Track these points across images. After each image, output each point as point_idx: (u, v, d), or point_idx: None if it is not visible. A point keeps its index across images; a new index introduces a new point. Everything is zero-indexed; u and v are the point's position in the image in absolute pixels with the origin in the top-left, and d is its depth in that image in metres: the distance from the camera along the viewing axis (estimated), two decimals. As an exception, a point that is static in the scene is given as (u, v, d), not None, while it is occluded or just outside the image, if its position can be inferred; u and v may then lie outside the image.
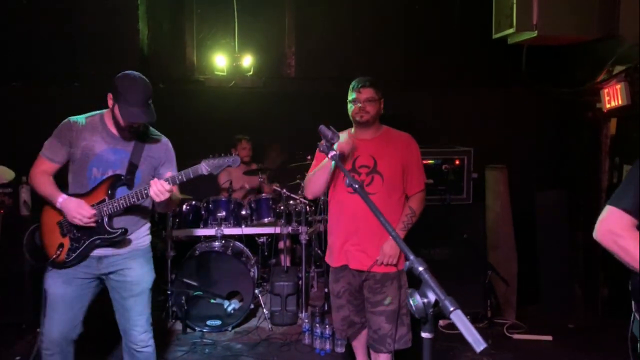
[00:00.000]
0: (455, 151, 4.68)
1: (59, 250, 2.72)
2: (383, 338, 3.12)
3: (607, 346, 4.23)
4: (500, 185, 4.90)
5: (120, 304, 2.90)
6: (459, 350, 4.09)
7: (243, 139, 5.56)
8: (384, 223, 1.64)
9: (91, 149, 2.71)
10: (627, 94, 4.40)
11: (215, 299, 4.36)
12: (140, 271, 2.89)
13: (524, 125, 5.68)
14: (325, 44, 5.79)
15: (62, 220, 2.74)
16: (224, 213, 4.77)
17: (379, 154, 3.11)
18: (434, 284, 1.42)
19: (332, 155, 1.99)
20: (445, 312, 1.37)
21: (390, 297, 3.06)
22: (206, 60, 5.87)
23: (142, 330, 2.92)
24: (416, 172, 3.18)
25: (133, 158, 2.75)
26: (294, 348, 4.21)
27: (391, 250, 3.03)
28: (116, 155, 2.74)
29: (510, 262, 4.83)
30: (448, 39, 5.67)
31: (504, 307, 4.80)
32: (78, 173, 2.75)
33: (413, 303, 1.44)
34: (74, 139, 2.71)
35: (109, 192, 2.70)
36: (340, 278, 3.24)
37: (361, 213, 3.03)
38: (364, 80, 3.10)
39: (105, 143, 2.73)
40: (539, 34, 4.11)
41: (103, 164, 2.72)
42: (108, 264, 2.83)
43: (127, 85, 2.63)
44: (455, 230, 4.57)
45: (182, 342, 4.28)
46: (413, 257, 1.50)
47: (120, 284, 2.87)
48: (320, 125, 2.10)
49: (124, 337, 2.96)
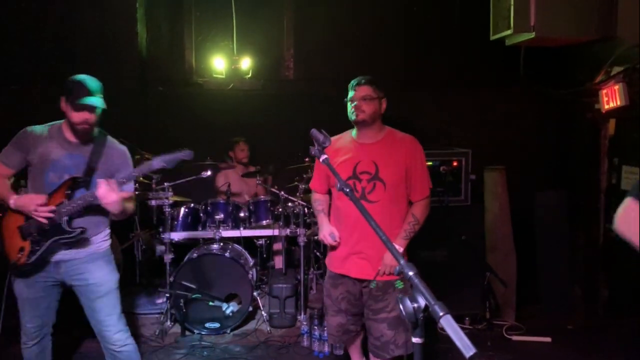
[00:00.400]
0: (454, 153, 4.67)
1: (19, 254, 2.78)
2: (385, 345, 3.06)
3: (607, 347, 4.23)
4: (499, 187, 4.89)
5: (89, 307, 2.96)
6: (456, 352, 4.06)
7: (240, 140, 5.57)
8: (374, 227, 1.64)
9: (48, 155, 2.79)
10: (625, 94, 4.39)
11: (213, 302, 4.35)
12: (100, 272, 2.94)
13: (522, 126, 5.68)
14: (324, 45, 5.80)
15: (22, 225, 2.80)
16: (222, 215, 4.77)
17: (381, 160, 2.99)
18: (424, 288, 1.42)
19: (323, 160, 1.98)
20: (435, 317, 1.36)
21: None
22: (205, 63, 5.88)
23: (115, 329, 2.97)
24: (420, 177, 3.07)
25: (90, 162, 2.83)
26: (293, 350, 4.21)
27: (393, 260, 2.94)
28: (72, 160, 2.82)
29: (509, 263, 4.82)
30: (447, 39, 5.67)
31: (503, 308, 4.79)
32: (36, 179, 2.83)
33: (403, 308, 1.44)
34: (30, 146, 2.80)
35: (67, 193, 2.78)
36: (339, 284, 3.17)
37: (362, 220, 2.98)
38: (361, 79, 3.04)
39: (63, 149, 2.82)
40: (537, 35, 4.11)
41: (59, 169, 2.80)
42: (67, 269, 2.89)
43: (76, 82, 2.72)
44: (454, 231, 4.56)
45: (180, 345, 4.28)
46: (403, 262, 1.50)
47: (84, 288, 2.93)
48: (312, 129, 2.10)
49: (101, 340, 3.02)
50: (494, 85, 5.57)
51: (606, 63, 4.61)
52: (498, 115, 5.68)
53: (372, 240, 2.96)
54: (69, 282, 2.93)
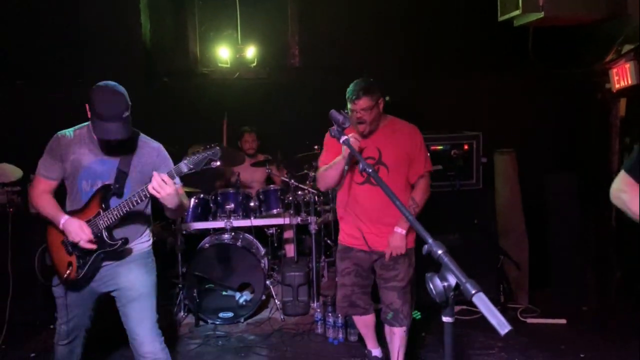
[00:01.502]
0: (464, 136, 4.64)
1: (69, 269, 2.71)
2: (396, 312, 3.23)
3: (623, 328, 4.21)
4: (510, 170, 4.86)
5: (123, 313, 2.82)
6: (472, 337, 4.08)
7: (245, 131, 5.52)
8: (399, 207, 1.62)
9: (79, 162, 2.66)
10: (636, 73, 4.34)
11: (226, 291, 4.36)
12: (130, 275, 2.78)
13: (532, 108, 5.63)
14: (329, 31, 5.74)
15: (65, 240, 2.71)
16: (233, 205, 4.75)
17: (383, 145, 3.14)
18: (454, 267, 1.40)
19: (343, 140, 1.96)
20: (467, 295, 1.34)
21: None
22: (209, 52, 5.85)
23: (146, 341, 2.76)
24: (418, 159, 3.20)
25: (121, 166, 2.67)
26: (307, 338, 4.21)
27: (397, 242, 3.13)
28: (104, 165, 2.68)
29: (521, 247, 4.81)
30: (454, 23, 5.61)
31: (516, 291, 4.78)
32: (71, 188, 2.74)
33: (433, 287, 1.42)
34: (64, 153, 2.67)
35: (103, 204, 2.65)
36: (346, 257, 3.32)
37: (369, 204, 3.17)
38: (356, 92, 3.03)
39: (93, 154, 2.68)
40: (546, 15, 4.06)
41: (91, 175, 2.67)
42: (101, 276, 2.78)
43: (100, 99, 2.51)
44: (466, 215, 4.54)
45: (195, 335, 4.28)
46: (431, 241, 1.48)
47: (117, 292, 2.81)
48: (331, 110, 2.07)
49: (133, 350, 2.84)
50: (502, 68, 5.50)
51: (616, 42, 4.55)
52: (507, 98, 5.62)
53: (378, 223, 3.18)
54: (104, 289, 2.82)
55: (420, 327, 4.17)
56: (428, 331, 4.18)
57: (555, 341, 4.05)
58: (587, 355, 3.82)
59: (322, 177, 3.22)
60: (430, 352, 3.91)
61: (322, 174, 3.21)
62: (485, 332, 4.15)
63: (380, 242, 3.20)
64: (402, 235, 3.12)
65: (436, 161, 4.35)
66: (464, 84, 5.62)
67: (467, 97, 5.62)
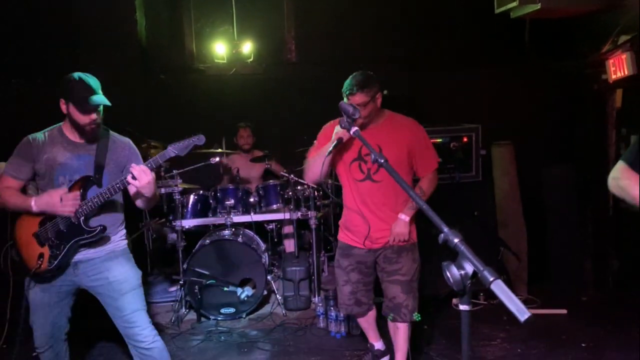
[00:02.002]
0: (463, 129, 4.65)
1: (39, 260, 2.71)
2: (398, 307, 3.20)
3: (623, 317, 4.25)
4: (508, 162, 4.88)
5: (113, 307, 2.84)
6: (475, 328, 4.10)
7: (240, 127, 5.51)
8: (413, 196, 1.63)
9: (54, 160, 2.73)
10: (633, 63, 4.38)
11: (228, 287, 4.35)
12: (121, 269, 2.85)
13: (529, 100, 5.65)
14: (325, 27, 5.72)
15: (37, 231, 2.74)
16: (233, 201, 4.75)
17: (383, 141, 3.09)
18: (471, 255, 1.40)
19: (354, 131, 1.96)
20: (485, 282, 1.35)
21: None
22: (206, 48, 5.82)
23: (143, 326, 2.85)
24: (425, 153, 3.18)
25: (98, 159, 2.77)
26: (310, 332, 4.22)
27: (400, 228, 3.09)
28: (80, 160, 2.76)
29: (519, 239, 4.83)
30: (451, 17, 5.62)
31: (515, 283, 4.80)
32: (46, 185, 2.77)
33: (450, 275, 1.42)
34: (36, 155, 2.74)
35: (81, 193, 2.70)
36: (349, 255, 3.28)
37: (370, 200, 3.13)
38: (352, 87, 3.01)
39: (68, 151, 2.76)
40: (542, 6, 4.08)
41: (69, 170, 2.74)
42: (85, 270, 2.80)
43: (75, 82, 2.66)
44: (466, 207, 4.55)
45: (197, 331, 4.28)
46: (447, 230, 1.49)
47: (106, 287, 2.82)
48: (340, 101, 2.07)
49: (128, 341, 2.88)
50: (500, 60, 5.52)
51: (613, 32, 4.58)
52: (504, 91, 5.64)
53: (379, 219, 3.14)
54: (86, 283, 2.84)
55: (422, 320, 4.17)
56: (429, 323, 4.20)
57: (556, 331, 4.08)
58: (588, 345, 3.85)
59: (307, 167, 3.16)
60: (433, 344, 3.93)
61: (308, 162, 3.16)
62: (487, 323, 4.18)
63: (384, 239, 3.16)
64: (406, 222, 3.09)
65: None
66: (461, 76, 5.64)
67: (465, 89, 5.64)
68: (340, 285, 3.37)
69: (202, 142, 2.71)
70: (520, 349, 3.84)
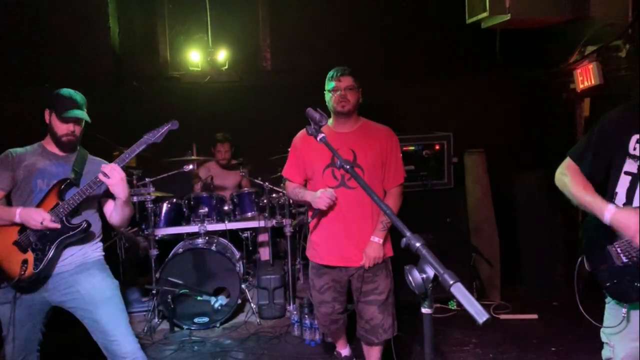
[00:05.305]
0: (436, 136, 4.71)
1: (24, 267, 2.64)
2: (375, 328, 3.14)
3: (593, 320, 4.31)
4: (480, 170, 4.95)
5: (91, 319, 2.73)
6: (447, 334, 4.14)
7: (218, 141, 5.45)
8: (377, 202, 1.64)
9: (34, 165, 2.76)
10: (599, 73, 4.49)
11: (201, 296, 4.31)
12: (92, 280, 2.76)
13: (500, 109, 5.75)
14: (300, 35, 5.76)
15: (18, 239, 2.69)
16: (207, 209, 4.72)
17: (358, 147, 3.05)
18: (432, 259, 1.42)
19: (320, 138, 1.97)
20: (445, 285, 1.37)
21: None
22: (180, 56, 5.81)
23: (122, 341, 2.71)
24: (394, 166, 3.13)
25: (76, 167, 2.82)
26: (284, 340, 4.20)
27: (375, 252, 3.03)
28: (59, 167, 2.80)
29: (492, 245, 4.90)
30: (423, 26, 5.70)
31: (488, 288, 4.87)
32: (22, 189, 2.74)
33: (412, 279, 1.44)
34: (15, 163, 2.76)
35: (59, 195, 2.72)
36: (323, 274, 3.20)
37: (346, 207, 3.05)
38: (343, 69, 3.06)
39: (48, 160, 2.80)
40: (512, 17, 4.17)
41: (47, 175, 2.75)
42: (55, 285, 2.73)
43: (62, 96, 2.77)
44: (438, 214, 4.60)
45: (170, 341, 4.23)
46: (409, 234, 1.50)
47: (78, 301, 2.74)
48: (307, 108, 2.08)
49: (110, 357, 2.75)
50: (471, 69, 5.61)
51: (580, 43, 4.69)
52: (476, 99, 5.73)
53: (354, 227, 3.06)
54: (58, 298, 2.75)
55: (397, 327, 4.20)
56: (404, 330, 4.20)
57: (527, 336, 4.13)
58: (559, 349, 3.91)
59: (292, 197, 3.34)
60: (407, 351, 3.94)
61: (294, 197, 3.25)
62: (460, 328, 4.22)
63: (357, 257, 3.07)
64: (379, 244, 3.03)
65: (408, 161, 4.40)
66: (433, 85, 5.72)
67: (437, 98, 5.72)
68: (316, 307, 3.33)
69: (176, 127, 2.80)
70: (492, 354, 3.88)
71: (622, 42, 4.26)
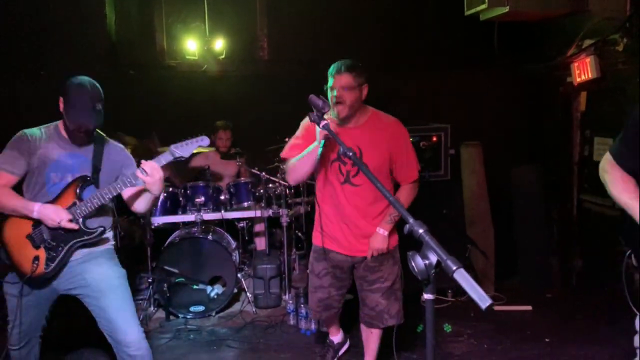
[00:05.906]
0: (433, 128, 4.71)
1: (35, 264, 2.61)
2: (380, 314, 3.12)
3: (585, 313, 4.38)
4: (476, 162, 4.97)
5: (97, 306, 2.72)
6: (442, 324, 4.16)
7: (220, 128, 5.36)
8: (380, 189, 1.64)
9: (47, 155, 2.66)
10: (596, 67, 4.51)
11: (197, 285, 4.32)
12: (99, 269, 2.74)
13: (497, 102, 5.76)
14: (297, 24, 5.74)
15: (31, 233, 2.64)
16: (203, 198, 4.70)
17: (364, 143, 2.92)
18: (435, 245, 1.43)
19: (323, 125, 1.96)
20: (448, 271, 1.38)
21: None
22: (177, 44, 5.77)
23: (130, 328, 2.70)
24: (405, 162, 3.01)
25: (95, 160, 2.72)
26: (280, 329, 4.22)
27: (379, 244, 2.98)
28: (74, 159, 2.70)
29: (487, 237, 4.92)
30: (422, 18, 5.70)
31: (482, 280, 4.89)
32: (34, 181, 2.69)
33: (415, 265, 1.45)
34: (32, 149, 2.66)
35: (77, 193, 2.64)
36: (323, 258, 3.16)
37: (353, 203, 3.00)
38: (342, 65, 2.85)
39: (62, 149, 2.70)
40: (511, 9, 4.19)
41: (61, 168, 2.68)
42: (62, 274, 2.71)
43: (75, 90, 2.62)
44: (435, 206, 4.61)
45: (165, 330, 4.23)
46: (412, 220, 1.51)
47: (85, 289, 2.72)
48: (310, 95, 2.06)
49: (114, 345, 2.75)
50: (469, 61, 5.61)
51: (578, 36, 4.71)
52: (473, 92, 5.74)
53: (359, 226, 3.02)
54: (65, 287, 2.73)
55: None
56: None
57: (521, 327, 4.17)
58: (552, 340, 3.95)
59: (293, 169, 2.94)
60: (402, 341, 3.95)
61: (294, 164, 2.93)
62: (454, 319, 4.24)
63: (361, 249, 3.04)
64: (384, 236, 2.97)
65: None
66: (431, 77, 5.72)
67: (435, 90, 5.72)
68: (311, 292, 3.28)
69: (206, 143, 2.68)
70: (486, 344, 3.91)
71: (619, 35, 4.27)
